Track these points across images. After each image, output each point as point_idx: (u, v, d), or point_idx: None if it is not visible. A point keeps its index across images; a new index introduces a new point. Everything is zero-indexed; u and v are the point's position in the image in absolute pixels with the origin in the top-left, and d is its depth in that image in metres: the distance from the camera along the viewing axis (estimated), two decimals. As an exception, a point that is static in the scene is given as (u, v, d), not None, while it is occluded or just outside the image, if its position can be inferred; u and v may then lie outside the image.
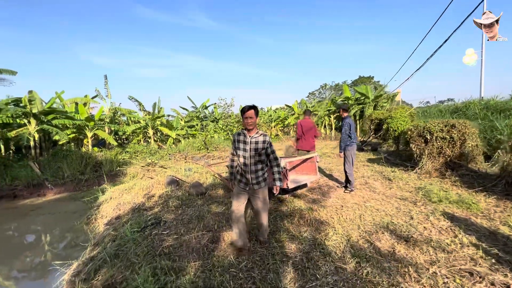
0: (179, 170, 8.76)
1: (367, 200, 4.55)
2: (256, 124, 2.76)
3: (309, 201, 4.64)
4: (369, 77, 54.67)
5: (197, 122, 23.28)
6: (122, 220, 4.99)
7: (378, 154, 10.08)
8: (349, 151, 5.24)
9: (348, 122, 5.20)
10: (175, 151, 15.03)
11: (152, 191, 6.39)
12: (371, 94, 18.77)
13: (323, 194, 5.02)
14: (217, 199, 5.11)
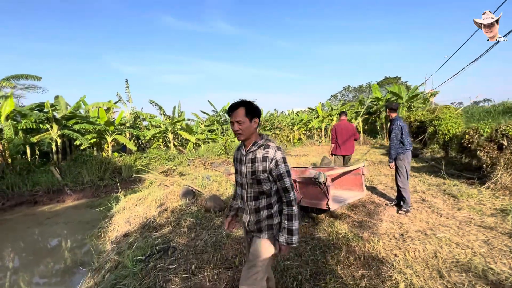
0: (197, 178, 8.06)
1: (434, 226, 3.44)
2: (253, 132, 1.65)
3: (355, 225, 3.63)
4: (396, 78, 51.57)
5: (217, 126, 22.84)
6: (128, 239, 4.31)
7: (421, 161, 8.71)
8: (401, 161, 4.16)
9: (399, 124, 4.14)
10: (195, 156, 14.52)
11: (166, 203, 5.70)
12: (405, 94, 17.10)
13: (370, 215, 3.98)
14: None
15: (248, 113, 1.60)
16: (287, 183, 1.56)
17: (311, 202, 3.59)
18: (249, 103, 1.63)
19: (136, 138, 19.26)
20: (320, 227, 3.63)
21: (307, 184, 3.58)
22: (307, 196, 3.62)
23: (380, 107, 18.10)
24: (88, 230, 6.49)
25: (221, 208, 4.61)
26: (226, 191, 6.32)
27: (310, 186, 3.53)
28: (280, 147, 1.62)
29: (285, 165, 1.58)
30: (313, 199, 3.53)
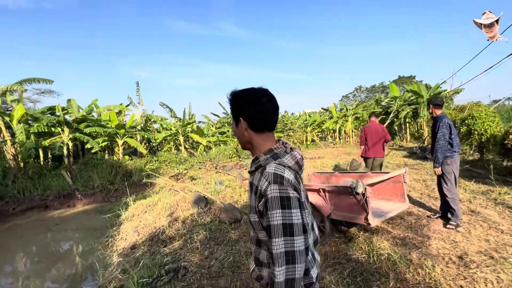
0: (209, 183, 7.63)
1: (498, 246, 2.82)
2: (249, 139, 1.03)
3: (397, 243, 3.05)
4: (410, 77, 49.86)
5: (228, 128, 22.49)
6: (136, 253, 3.89)
7: (452, 164, 7.94)
8: (449, 166, 3.55)
9: (446, 122, 3.54)
10: (206, 159, 14.16)
11: (176, 211, 5.27)
12: (425, 92, 16.13)
13: (412, 229, 3.38)
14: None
15: (232, 114, 1.05)
16: (276, 248, 0.83)
17: (344, 216, 3.04)
18: (232, 98, 1.01)
19: (147, 141, 19.15)
20: (355, 245, 3.08)
21: (340, 194, 3.04)
22: (339, 208, 3.08)
23: (398, 107, 17.20)
24: (96, 238, 6.18)
25: (237, 219, 4.12)
26: (241, 197, 5.84)
27: (344, 197, 2.99)
28: (285, 175, 0.88)
29: (282, 213, 0.83)
30: (348, 212, 2.99)
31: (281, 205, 0.83)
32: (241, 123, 0.99)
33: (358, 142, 19.45)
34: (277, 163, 0.91)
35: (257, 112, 0.96)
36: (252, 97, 0.98)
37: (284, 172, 0.89)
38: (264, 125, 0.99)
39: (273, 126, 1.02)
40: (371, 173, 3.67)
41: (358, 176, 3.72)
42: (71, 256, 5.54)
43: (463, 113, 9.72)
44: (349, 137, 19.99)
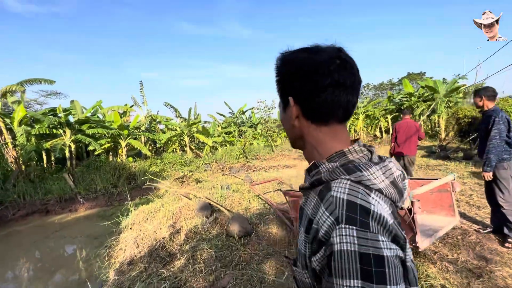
0: (215, 187, 7.12)
1: None
2: (300, 134, 0.58)
3: (448, 268, 2.45)
4: (420, 73, 48.46)
5: (234, 128, 22.00)
6: (132, 272, 3.39)
7: (481, 165, 7.20)
8: (506, 170, 2.91)
9: (504, 117, 2.91)
10: (212, 160, 13.68)
11: (179, 220, 4.76)
12: (442, 88, 15.26)
13: (462, 249, 2.77)
14: (271, 247, 3.22)
15: (279, 90, 0.60)
16: None
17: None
18: (280, 63, 0.57)
19: (152, 142, 18.83)
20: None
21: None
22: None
23: (412, 103, 16.36)
24: (95, 247, 5.75)
25: (247, 233, 3.57)
26: (250, 204, 5.29)
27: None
28: (372, 208, 0.43)
29: (361, 271, 0.39)
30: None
31: (361, 272, 0.39)
32: (290, 107, 0.56)
33: (370, 141, 18.65)
34: (355, 180, 0.48)
35: (318, 88, 0.52)
36: (311, 62, 0.53)
37: (370, 200, 0.45)
38: (330, 112, 0.54)
39: (347, 114, 0.55)
40: (411, 180, 3.06)
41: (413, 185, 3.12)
42: (65, 269, 5.10)
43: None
44: (360, 135, 19.22)
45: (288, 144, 17.27)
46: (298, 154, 14.43)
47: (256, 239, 3.50)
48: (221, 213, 4.79)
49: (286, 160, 12.77)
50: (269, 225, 4.02)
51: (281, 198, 5.76)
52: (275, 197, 5.82)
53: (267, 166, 10.75)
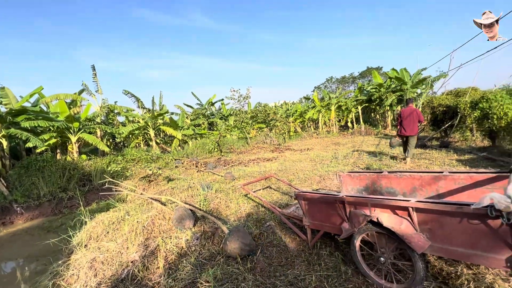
0: (192, 186, 6.06)
1: None
2: None
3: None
4: (378, 68, 51.55)
5: (203, 120, 20.61)
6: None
7: (462, 152, 7.27)
8: None
9: None
10: (182, 155, 12.36)
11: (153, 234, 3.70)
12: (408, 79, 15.83)
13: None
14: (287, 268, 2.41)
15: None
16: None
17: (455, 252, 1.80)
18: None
19: (111, 137, 16.61)
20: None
21: (448, 216, 1.78)
22: (443, 239, 1.83)
23: (382, 94, 16.77)
24: (36, 274, 4.42)
25: (251, 250, 2.71)
26: (240, 207, 4.41)
27: (457, 221, 1.73)
28: None
29: None
30: (464, 247, 1.74)
31: None
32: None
33: (343, 132, 18.84)
34: None
35: None
36: None
37: None
38: None
39: None
40: (462, 175, 2.47)
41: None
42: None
43: (461, 97, 9.21)
44: (333, 126, 19.35)
45: (262, 136, 16.60)
46: (275, 146, 13.81)
47: (263, 259, 2.66)
48: (206, 220, 3.84)
49: (264, 153, 12.04)
50: (273, 235, 3.20)
51: (272, 196, 4.99)
52: (266, 196, 5.03)
53: (245, 160, 9.89)
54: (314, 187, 5.34)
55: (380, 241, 2.17)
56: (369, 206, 2.14)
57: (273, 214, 3.86)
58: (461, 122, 8.47)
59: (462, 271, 2.12)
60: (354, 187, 3.37)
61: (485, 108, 6.68)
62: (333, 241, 2.91)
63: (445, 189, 2.62)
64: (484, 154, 6.54)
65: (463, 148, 7.97)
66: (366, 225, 2.17)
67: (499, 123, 6.27)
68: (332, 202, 2.42)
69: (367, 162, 7.18)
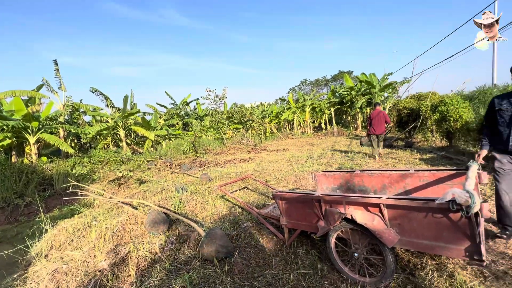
0: (166, 189, 5.85)
1: None
2: None
3: (484, 274, 2.09)
4: (349, 72, 54.14)
5: (177, 121, 20.04)
6: None
7: (424, 152, 7.87)
8: None
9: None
10: (155, 157, 11.89)
11: (123, 241, 3.49)
12: (376, 83, 16.80)
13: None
14: (265, 268, 2.41)
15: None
16: None
17: (421, 245, 1.92)
18: None
19: (76, 137, 15.47)
20: (428, 284, 2.00)
21: (415, 212, 1.90)
22: (411, 233, 1.95)
23: (353, 97, 17.60)
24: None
25: (229, 252, 2.67)
26: (216, 209, 4.34)
27: (422, 216, 1.86)
28: None
29: None
30: (430, 240, 1.87)
31: None
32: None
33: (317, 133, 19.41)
34: None
35: None
36: None
37: None
38: None
39: None
40: (428, 172, 2.65)
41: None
42: None
43: (423, 101, 9.97)
44: (307, 127, 19.88)
45: (239, 137, 16.53)
46: (251, 147, 13.84)
47: (241, 260, 2.63)
48: (182, 224, 3.72)
49: (240, 154, 12.00)
50: (251, 236, 3.19)
51: (249, 196, 4.98)
52: (243, 196, 5.00)
53: (221, 161, 9.77)
54: (290, 186, 5.43)
55: (354, 237, 2.25)
56: (344, 204, 2.21)
57: (251, 215, 3.85)
58: (423, 124, 9.16)
59: (426, 262, 2.27)
60: (328, 186, 3.47)
61: (443, 111, 7.29)
62: (309, 240, 2.96)
63: (412, 186, 2.80)
64: (442, 153, 7.13)
65: (425, 148, 8.62)
66: (341, 223, 2.25)
67: (455, 125, 6.88)
68: (309, 201, 2.47)
69: (340, 162, 7.47)
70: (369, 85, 16.68)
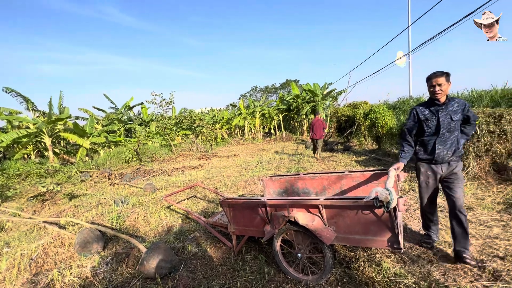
0: (103, 203, 5.24)
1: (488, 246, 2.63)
2: None
3: (403, 259, 2.42)
4: (295, 80, 57.83)
5: (119, 126, 18.32)
6: None
7: (358, 154, 8.83)
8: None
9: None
10: (91, 167, 10.60)
11: (45, 267, 2.97)
12: (319, 92, 18.29)
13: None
14: (213, 279, 2.34)
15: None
16: None
17: (353, 239, 2.13)
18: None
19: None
20: (363, 275, 2.22)
21: (347, 210, 2.10)
22: (345, 230, 2.14)
23: (299, 104, 18.76)
24: None
25: (173, 267, 2.51)
26: (161, 221, 4.07)
27: (353, 213, 2.07)
28: None
29: None
30: (360, 234, 2.08)
31: None
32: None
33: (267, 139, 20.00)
34: None
35: None
36: None
37: None
38: None
39: None
40: (358, 173, 2.95)
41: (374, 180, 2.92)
42: None
43: (357, 109, 11.23)
44: (258, 132, 20.36)
45: (188, 143, 15.93)
46: (201, 154, 13.48)
47: (187, 274, 2.50)
48: (119, 241, 3.36)
49: (190, 161, 11.57)
50: (198, 247, 3.07)
51: (198, 205, 4.82)
52: (191, 206, 4.81)
53: (169, 169, 9.25)
54: (240, 192, 5.44)
55: (297, 238, 2.36)
56: (287, 207, 2.30)
57: (199, 225, 3.72)
58: (357, 129, 10.28)
59: (359, 254, 2.52)
60: (275, 190, 3.59)
61: (372, 119, 8.33)
62: (257, 245, 3.00)
63: (347, 186, 3.09)
64: (373, 155, 8.11)
65: (360, 150, 9.68)
66: (286, 225, 2.34)
67: (382, 130, 7.92)
68: (255, 206, 2.50)
69: (288, 166, 7.83)
70: (312, 93, 18.02)
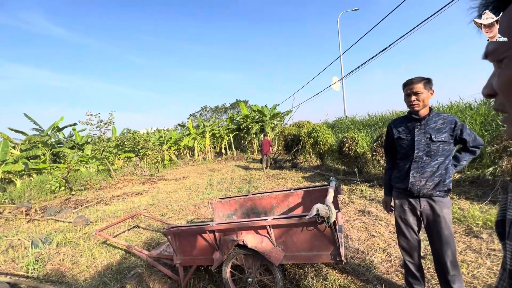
0: (17, 246, 4.31)
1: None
2: None
3: (347, 270, 2.58)
4: (245, 101, 59.73)
5: (44, 151, 15.80)
6: None
7: (305, 171, 9.39)
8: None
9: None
10: (2, 201, 8.74)
11: None
12: (267, 112, 19.18)
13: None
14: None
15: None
16: None
17: (300, 257, 2.18)
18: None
19: None
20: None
21: (292, 228, 2.17)
22: (292, 248, 2.19)
23: (248, 124, 19.26)
24: None
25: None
26: (95, 260, 3.53)
27: (299, 231, 2.14)
28: None
29: None
30: (306, 251, 2.15)
31: None
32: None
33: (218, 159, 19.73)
34: None
35: None
36: None
37: None
38: None
39: None
40: (304, 190, 3.09)
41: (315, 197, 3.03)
42: None
43: (302, 128, 12.10)
44: (209, 152, 19.97)
45: (131, 167, 14.59)
46: (146, 178, 12.47)
47: (125, 320, 2.18)
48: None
49: (132, 186, 10.56)
50: (140, 284, 2.73)
51: (141, 236, 4.35)
52: (133, 238, 4.32)
53: (107, 197, 8.24)
54: (189, 218, 5.14)
55: (247, 262, 2.31)
56: (236, 231, 2.26)
57: (141, 259, 3.34)
58: (303, 147, 10.99)
59: (308, 270, 2.60)
60: (225, 212, 3.50)
61: (315, 137, 9.04)
62: (207, 274, 2.83)
63: (293, 203, 3.22)
64: (318, 171, 8.71)
65: (306, 167, 10.29)
66: (235, 250, 2.27)
67: (324, 148, 8.63)
68: (203, 232, 2.39)
69: (239, 186, 7.80)
70: (261, 114, 18.77)
